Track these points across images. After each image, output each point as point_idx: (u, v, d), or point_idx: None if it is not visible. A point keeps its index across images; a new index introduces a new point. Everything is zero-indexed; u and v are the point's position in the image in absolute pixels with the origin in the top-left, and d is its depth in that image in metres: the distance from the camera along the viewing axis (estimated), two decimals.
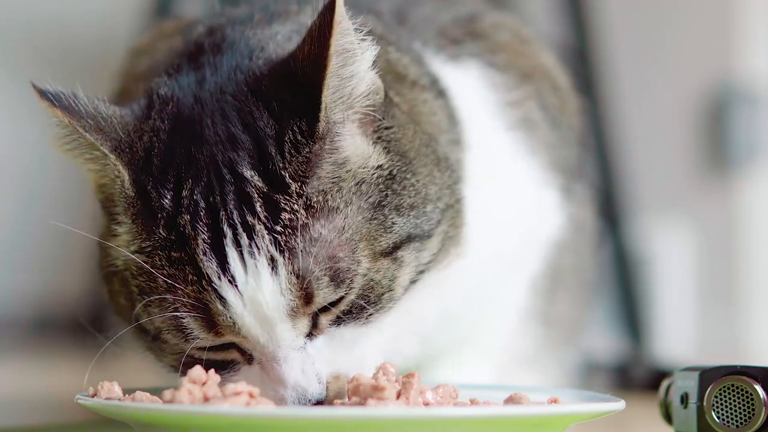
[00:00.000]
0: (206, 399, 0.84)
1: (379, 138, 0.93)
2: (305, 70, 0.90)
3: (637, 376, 1.59)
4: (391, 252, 0.91)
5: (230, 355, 0.92)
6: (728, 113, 2.35)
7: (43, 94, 0.92)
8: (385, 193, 0.92)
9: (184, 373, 0.91)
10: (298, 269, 0.88)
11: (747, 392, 0.92)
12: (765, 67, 2.34)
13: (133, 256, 0.92)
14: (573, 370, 1.32)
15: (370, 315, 0.91)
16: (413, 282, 0.93)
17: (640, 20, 2.45)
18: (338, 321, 0.91)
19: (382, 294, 0.91)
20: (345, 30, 0.89)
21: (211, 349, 0.92)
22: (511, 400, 0.92)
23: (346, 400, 0.89)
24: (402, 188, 0.93)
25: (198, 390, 0.85)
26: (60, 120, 0.92)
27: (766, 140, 2.34)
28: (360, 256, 0.90)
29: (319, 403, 0.90)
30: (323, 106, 0.89)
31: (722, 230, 2.37)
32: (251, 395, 0.83)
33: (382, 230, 0.91)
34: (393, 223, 0.92)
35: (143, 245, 0.92)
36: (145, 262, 0.91)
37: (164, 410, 0.83)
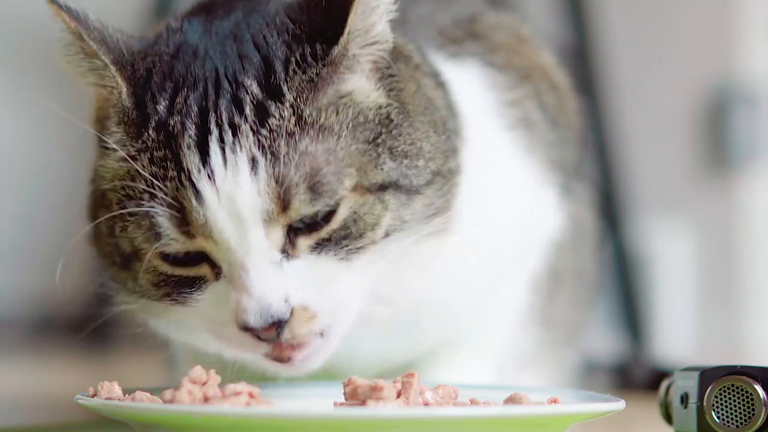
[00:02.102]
0: (206, 399, 0.84)
1: (382, 83, 0.95)
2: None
3: (637, 376, 1.59)
4: (378, 189, 0.92)
5: (200, 271, 0.92)
6: (728, 113, 2.35)
7: (53, 1, 0.93)
8: (380, 131, 0.93)
9: (154, 294, 0.93)
10: (278, 173, 0.89)
11: (747, 392, 0.92)
12: (765, 67, 2.34)
13: (119, 165, 0.92)
14: (573, 370, 1.32)
15: (350, 249, 0.91)
16: (389, 233, 0.93)
17: (640, 20, 2.45)
18: (317, 248, 0.91)
19: (364, 231, 0.91)
20: None
21: (182, 263, 0.92)
22: (511, 400, 0.92)
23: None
24: (398, 134, 0.94)
25: (198, 390, 0.85)
26: (66, 26, 0.93)
27: (766, 140, 2.34)
28: (345, 178, 0.90)
29: (280, 323, 0.89)
30: (347, 30, 0.91)
31: (722, 230, 2.37)
32: (251, 395, 0.83)
33: (373, 166, 0.92)
34: (384, 163, 0.92)
35: (130, 150, 0.92)
36: (129, 164, 0.91)
37: (164, 410, 0.83)
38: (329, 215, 0.90)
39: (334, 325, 0.93)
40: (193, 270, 0.92)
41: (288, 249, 0.90)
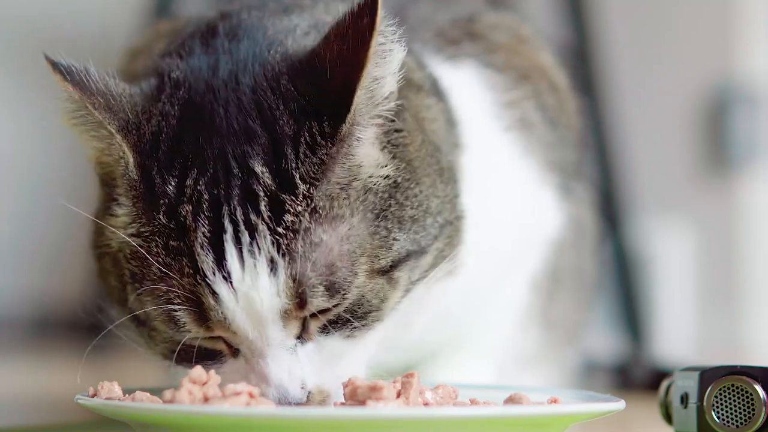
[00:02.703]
0: (206, 399, 0.84)
1: (389, 142, 0.93)
2: (335, 70, 0.89)
3: (637, 376, 1.59)
4: (388, 271, 0.91)
5: (218, 346, 0.92)
6: (728, 113, 2.35)
7: (55, 66, 0.91)
8: (388, 203, 0.92)
9: (176, 361, 0.92)
10: (296, 273, 0.88)
11: (747, 392, 0.92)
12: (765, 67, 2.34)
13: (129, 239, 0.91)
14: (573, 370, 1.32)
15: (355, 329, 0.91)
16: (398, 303, 0.93)
17: (640, 20, 2.45)
18: (325, 329, 0.91)
19: (369, 312, 0.91)
20: (382, 31, 0.89)
21: (202, 338, 0.91)
22: (511, 400, 0.92)
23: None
24: (405, 198, 0.92)
25: (198, 390, 0.85)
26: (70, 95, 0.91)
27: (766, 140, 2.34)
28: (358, 269, 0.90)
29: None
30: (353, 108, 0.89)
31: (722, 230, 2.37)
32: (251, 395, 0.83)
33: (384, 248, 0.91)
34: (394, 240, 0.91)
35: (141, 230, 0.91)
36: (141, 246, 0.90)
37: (164, 410, 0.83)
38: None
39: (341, 394, 0.92)
40: (211, 343, 0.92)
41: (302, 334, 0.90)
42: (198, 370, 0.86)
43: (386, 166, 0.92)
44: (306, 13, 1.00)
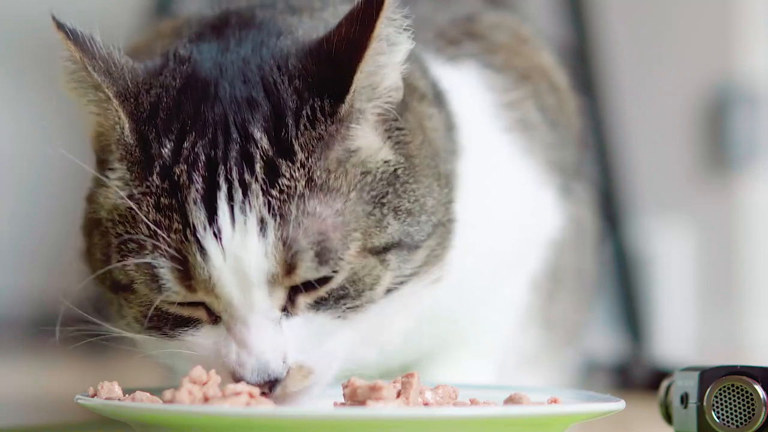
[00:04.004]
0: (206, 399, 0.84)
1: (390, 137, 0.93)
2: (340, 51, 0.90)
3: (637, 376, 1.59)
4: (380, 252, 0.91)
5: (196, 313, 0.91)
6: (728, 113, 2.35)
7: (60, 26, 0.92)
8: (386, 190, 0.92)
9: (147, 326, 0.92)
10: (287, 237, 0.87)
11: (747, 392, 0.92)
12: (765, 67, 2.34)
13: (121, 199, 0.91)
14: (573, 370, 1.32)
15: (348, 308, 0.91)
16: (389, 291, 0.93)
17: (640, 20, 2.45)
18: (316, 306, 0.90)
19: (363, 291, 0.91)
20: (390, 18, 0.89)
21: (180, 304, 0.91)
22: (511, 400, 0.92)
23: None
24: (403, 191, 0.93)
25: (198, 390, 0.85)
26: (71, 55, 0.92)
27: (766, 140, 2.34)
28: (351, 243, 0.89)
29: (275, 381, 0.88)
30: (353, 88, 0.90)
31: (722, 230, 2.37)
32: (251, 395, 0.83)
33: (378, 228, 0.91)
34: (388, 224, 0.91)
35: (134, 191, 0.91)
36: (132, 207, 0.90)
37: (164, 410, 0.83)
38: (329, 276, 0.90)
39: (324, 377, 0.92)
40: (190, 311, 0.91)
41: (288, 306, 0.90)
42: (198, 370, 0.86)
43: (387, 154, 0.93)
44: (314, 16, 1.00)
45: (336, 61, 0.90)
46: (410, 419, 0.82)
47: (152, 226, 0.89)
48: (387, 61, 0.91)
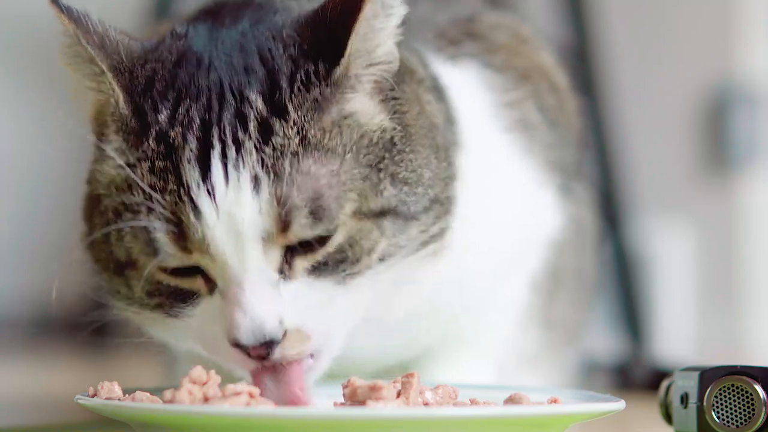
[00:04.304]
0: (206, 399, 0.84)
1: (385, 105, 0.94)
2: (334, 15, 0.90)
3: (637, 376, 1.59)
4: (376, 216, 0.91)
5: (194, 284, 0.91)
6: (728, 113, 2.35)
7: (54, 2, 0.93)
8: (383, 155, 0.92)
9: (147, 304, 0.92)
10: (281, 193, 0.87)
11: (747, 392, 0.92)
12: (765, 67, 2.34)
13: (118, 168, 0.91)
14: (573, 370, 1.32)
15: (347, 274, 0.91)
16: (384, 258, 0.92)
17: (640, 20, 2.45)
18: (314, 271, 0.90)
19: (360, 256, 0.91)
20: None
21: (177, 274, 0.91)
22: (511, 400, 0.92)
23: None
24: (400, 159, 0.93)
25: (198, 390, 0.85)
26: (66, 29, 0.92)
27: (766, 140, 2.34)
28: (346, 204, 0.89)
29: (271, 343, 0.88)
30: (347, 51, 0.90)
31: (722, 230, 2.37)
32: (251, 395, 0.83)
33: (374, 191, 0.91)
34: (384, 189, 0.91)
35: (129, 159, 0.91)
36: (127, 173, 0.90)
37: (164, 410, 0.83)
38: (325, 238, 0.90)
39: (326, 348, 0.92)
40: (188, 282, 0.91)
41: (285, 270, 0.89)
42: (198, 370, 0.86)
43: (383, 121, 0.93)
44: None
45: (330, 26, 0.91)
46: (410, 419, 0.82)
47: (147, 190, 0.89)
48: (382, 25, 0.92)
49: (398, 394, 0.86)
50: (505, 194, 1.08)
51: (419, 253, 0.95)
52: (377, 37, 0.92)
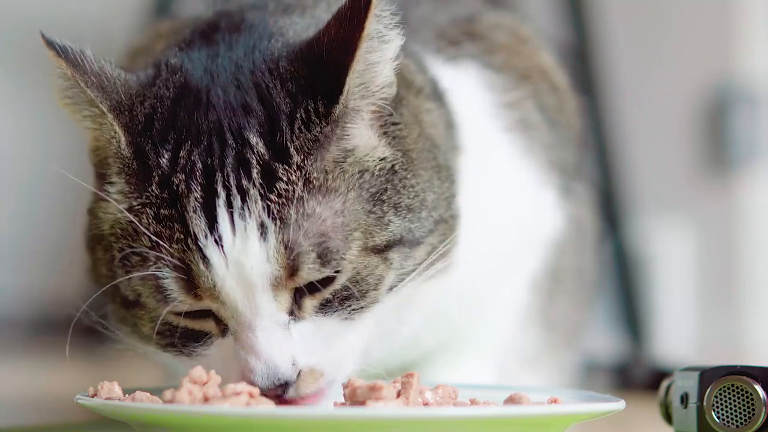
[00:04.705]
0: (206, 399, 0.84)
1: (385, 133, 0.93)
2: (331, 52, 0.90)
3: (637, 376, 1.59)
4: (382, 250, 0.91)
5: (206, 326, 0.91)
6: (728, 113, 2.35)
7: (50, 44, 0.91)
8: (385, 187, 0.92)
9: (158, 343, 0.92)
10: (288, 239, 0.87)
11: (747, 392, 0.92)
12: (765, 67, 2.34)
13: (122, 213, 0.91)
14: (573, 370, 1.32)
15: (354, 309, 0.91)
16: (392, 288, 0.93)
17: (640, 20, 2.45)
18: (323, 309, 0.90)
19: (367, 291, 0.91)
20: (378, 15, 0.89)
21: (188, 316, 0.91)
22: (511, 400, 0.92)
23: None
24: (402, 186, 0.93)
25: (198, 390, 0.84)
26: (63, 71, 0.91)
27: (766, 140, 2.34)
28: (352, 243, 0.89)
29: (286, 385, 0.88)
30: (346, 89, 0.89)
31: (722, 230, 2.37)
32: (251, 395, 0.83)
33: (379, 226, 0.91)
34: (389, 221, 0.91)
35: (133, 204, 0.91)
36: (132, 220, 0.90)
37: (164, 410, 0.83)
38: (332, 277, 0.90)
39: (338, 376, 0.92)
40: (200, 323, 0.91)
41: (295, 310, 0.90)
42: (198, 370, 0.86)
43: (383, 151, 0.93)
44: (306, 14, 1.00)
45: (328, 63, 0.90)
46: (410, 419, 0.82)
47: (154, 238, 0.89)
48: (379, 59, 0.91)
49: (398, 394, 0.86)
50: (505, 194, 1.08)
51: (427, 273, 0.95)
52: (374, 69, 0.91)
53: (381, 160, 0.92)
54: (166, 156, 0.90)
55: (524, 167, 1.10)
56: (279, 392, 0.89)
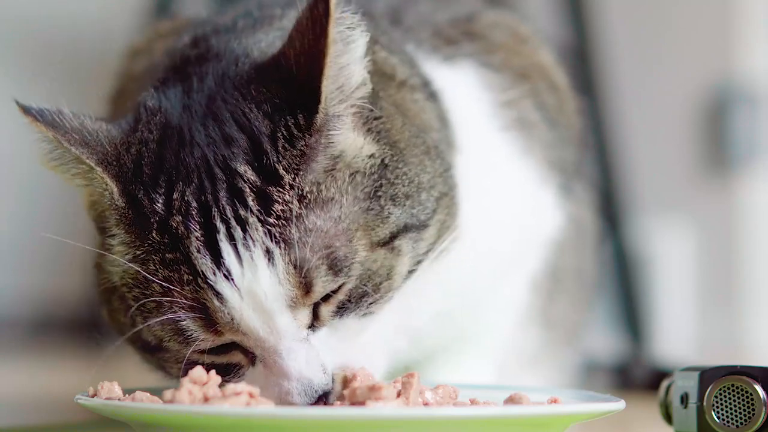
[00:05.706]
0: (206, 399, 0.84)
1: (369, 129, 0.93)
2: (300, 64, 0.90)
3: (637, 376, 1.59)
4: (388, 242, 0.91)
5: (234, 358, 0.91)
6: (728, 113, 2.35)
7: (26, 110, 0.92)
8: (379, 182, 0.92)
9: None
10: (295, 259, 0.88)
11: (747, 392, 0.92)
12: (765, 67, 2.34)
13: (127, 264, 0.91)
14: (573, 370, 1.32)
15: (370, 305, 0.91)
16: (411, 272, 0.93)
17: (640, 20, 2.45)
18: (339, 312, 0.90)
19: (380, 284, 0.91)
20: (339, 18, 0.89)
21: (214, 352, 0.91)
22: (511, 400, 0.92)
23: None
24: (395, 177, 0.93)
25: (198, 390, 0.85)
26: (44, 135, 0.91)
27: (766, 140, 2.34)
28: (357, 244, 0.90)
29: (326, 394, 0.89)
30: (323, 97, 0.89)
31: (722, 230, 2.37)
32: (251, 395, 0.83)
33: (379, 220, 0.91)
34: (389, 213, 0.92)
35: (137, 252, 0.91)
36: (139, 270, 0.90)
37: (164, 410, 0.83)
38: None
39: (374, 368, 0.92)
40: (226, 357, 0.92)
41: (314, 322, 0.90)
42: (198, 371, 0.86)
43: (370, 148, 0.93)
44: (273, 27, 1.00)
45: (299, 75, 0.90)
46: (410, 419, 0.82)
47: (164, 284, 0.89)
48: (348, 60, 0.91)
49: (398, 394, 0.86)
50: (505, 194, 1.08)
51: (440, 247, 0.95)
52: (347, 71, 0.91)
53: (370, 157, 0.92)
54: (160, 201, 0.90)
55: (523, 166, 1.10)
56: (322, 403, 0.89)
